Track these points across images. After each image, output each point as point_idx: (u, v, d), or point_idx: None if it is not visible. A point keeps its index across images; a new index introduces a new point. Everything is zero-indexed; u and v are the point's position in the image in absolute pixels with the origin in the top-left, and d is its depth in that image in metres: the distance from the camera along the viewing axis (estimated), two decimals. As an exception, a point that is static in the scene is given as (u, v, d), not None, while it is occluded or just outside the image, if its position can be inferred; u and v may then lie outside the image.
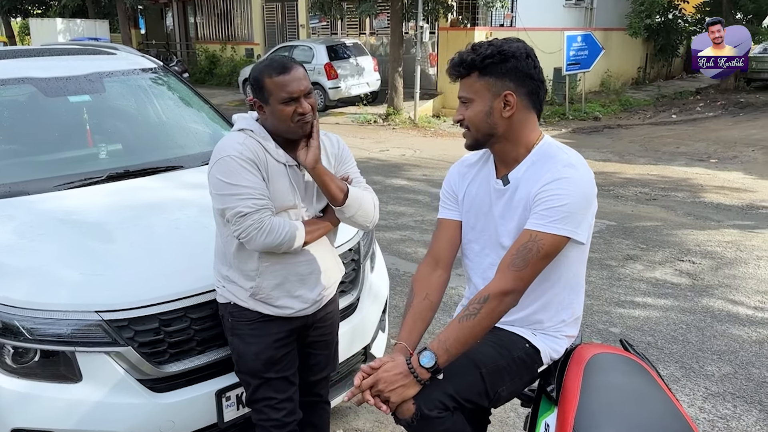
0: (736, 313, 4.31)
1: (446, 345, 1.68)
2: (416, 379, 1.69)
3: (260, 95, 2.09)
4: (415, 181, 8.38)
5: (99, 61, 3.80)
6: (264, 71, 2.08)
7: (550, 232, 1.69)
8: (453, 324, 1.71)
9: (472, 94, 1.78)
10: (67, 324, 2.16)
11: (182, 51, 24.54)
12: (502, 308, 1.69)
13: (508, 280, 1.68)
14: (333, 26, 19.37)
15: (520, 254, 1.69)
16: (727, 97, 16.95)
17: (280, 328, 2.24)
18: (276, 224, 2.05)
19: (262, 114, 2.13)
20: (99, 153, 3.35)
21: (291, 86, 2.04)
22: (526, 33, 15.16)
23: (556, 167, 1.74)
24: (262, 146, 2.11)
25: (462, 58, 1.78)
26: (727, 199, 7.44)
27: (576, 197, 1.70)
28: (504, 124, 1.78)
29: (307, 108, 2.08)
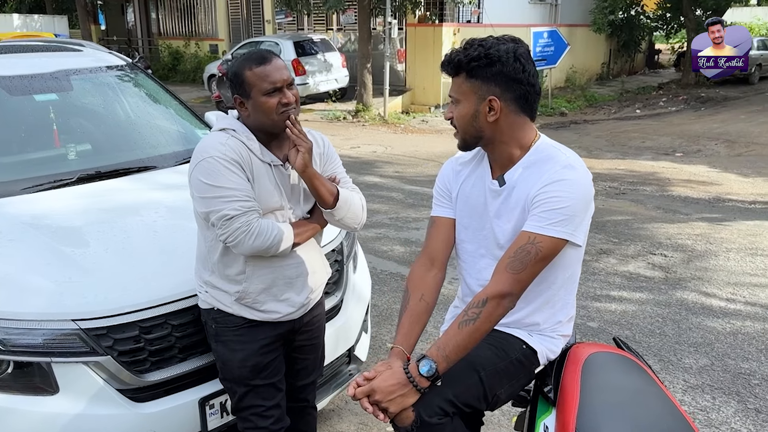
0: (709, 305, 4.38)
1: (445, 352, 1.64)
2: (415, 388, 1.65)
3: (241, 90, 2.02)
4: (388, 178, 8.35)
5: (65, 59, 3.67)
6: (243, 65, 2.02)
7: (549, 235, 1.66)
8: (452, 329, 1.67)
9: (459, 95, 1.76)
10: (42, 334, 2.07)
11: (144, 47, 24.03)
12: (500, 311, 1.66)
13: (506, 283, 1.66)
14: (299, 22, 19.18)
15: (518, 256, 1.67)
16: (688, 92, 17.32)
17: (267, 334, 2.18)
18: (264, 227, 1.99)
19: (243, 111, 2.06)
20: (68, 154, 3.22)
21: (273, 76, 1.99)
22: (493, 29, 15.23)
23: (555, 168, 1.71)
24: (245, 146, 2.04)
25: (451, 57, 1.75)
26: (694, 192, 7.58)
27: (576, 200, 1.68)
28: (490, 128, 1.75)
29: (291, 98, 2.02)
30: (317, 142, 2.24)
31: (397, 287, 4.71)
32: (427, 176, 8.54)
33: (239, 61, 2.05)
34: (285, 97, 2.00)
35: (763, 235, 5.84)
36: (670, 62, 24.07)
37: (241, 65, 2.02)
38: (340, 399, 3.25)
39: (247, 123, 2.08)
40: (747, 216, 6.53)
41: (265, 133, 2.08)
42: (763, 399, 3.24)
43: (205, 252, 2.14)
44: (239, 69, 2.02)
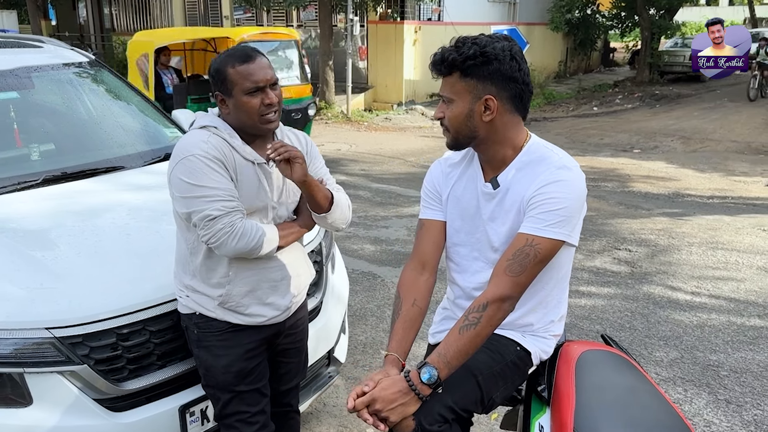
0: (675, 299, 4.48)
1: (447, 358, 1.61)
2: (417, 396, 1.61)
3: (222, 87, 1.96)
4: (354, 176, 8.31)
5: (25, 55, 3.52)
6: (226, 61, 1.94)
7: (547, 237, 1.65)
8: (452, 335, 1.64)
9: (453, 95, 1.72)
10: (13, 343, 1.98)
11: (98, 43, 23.40)
12: (501, 315, 1.64)
13: (506, 287, 1.64)
14: (259, 18, 18.94)
15: (516, 259, 1.65)
16: (643, 90, 17.72)
17: (251, 338, 2.12)
18: (248, 228, 1.93)
19: (224, 108, 1.99)
20: (31, 154, 3.10)
21: (256, 75, 1.92)
22: (454, 27, 15.32)
23: (550, 169, 1.70)
24: (228, 144, 1.97)
25: (444, 56, 1.71)
26: (654, 188, 7.76)
27: (572, 200, 1.68)
28: (485, 128, 1.73)
29: (274, 99, 1.95)
30: (300, 142, 2.20)
31: (369, 286, 4.68)
32: (394, 174, 8.53)
33: (222, 56, 1.98)
34: (268, 97, 1.93)
35: (722, 230, 6.01)
36: (624, 60, 24.60)
37: (223, 61, 1.95)
38: (318, 402, 3.21)
39: (228, 121, 2.02)
40: (706, 210, 6.72)
41: (245, 132, 2.01)
42: (732, 390, 3.33)
43: (187, 255, 2.08)
44: (222, 65, 1.95)
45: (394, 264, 5.13)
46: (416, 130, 12.72)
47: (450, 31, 15.32)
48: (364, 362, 3.62)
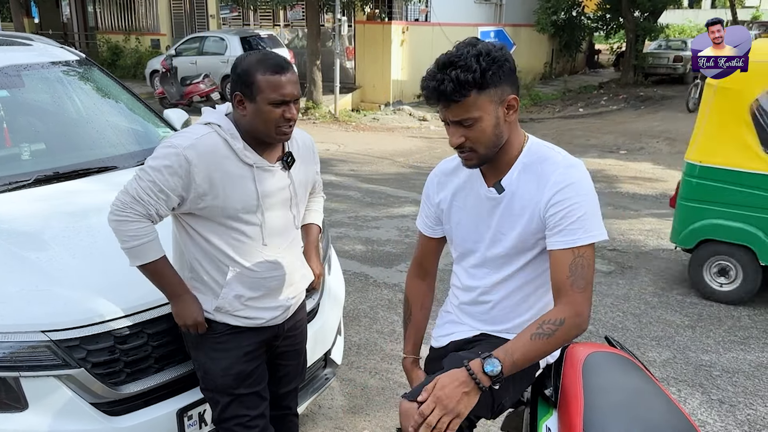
0: (666, 300, 4.51)
1: (513, 357, 1.58)
2: (478, 386, 1.56)
3: (247, 90, 1.90)
4: (344, 177, 8.28)
5: (14, 53, 3.46)
6: (257, 67, 1.88)
7: (588, 243, 1.64)
8: (523, 338, 1.61)
9: (477, 113, 1.62)
10: (9, 346, 1.94)
11: (81, 42, 23.17)
12: (575, 333, 1.62)
13: (581, 304, 1.62)
14: (245, 17, 18.86)
15: (577, 274, 1.63)
16: (628, 91, 17.86)
17: (250, 340, 2.10)
18: (131, 228, 1.90)
19: (241, 110, 1.94)
20: (21, 154, 3.04)
21: (286, 89, 1.89)
22: (441, 28, 15.35)
23: (558, 170, 1.68)
24: (227, 145, 1.94)
25: (459, 81, 1.57)
26: (641, 188, 7.81)
27: (592, 198, 1.67)
28: (508, 130, 1.70)
29: (295, 115, 1.94)
30: (306, 143, 2.22)
31: (361, 287, 4.67)
32: (383, 174, 8.52)
33: (253, 59, 1.91)
34: (290, 111, 1.92)
35: (709, 230, 6.06)
36: (609, 62, 24.78)
37: (255, 66, 1.89)
38: (314, 404, 3.19)
39: (240, 123, 1.97)
40: (693, 211, 6.76)
41: (255, 137, 1.98)
42: (725, 390, 3.35)
43: (182, 256, 2.06)
44: (252, 69, 1.89)
45: (386, 264, 5.11)
46: (404, 131, 12.72)
47: (437, 32, 15.35)
48: (359, 363, 3.60)
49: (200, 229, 1.99)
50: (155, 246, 1.95)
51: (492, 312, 1.84)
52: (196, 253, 2.02)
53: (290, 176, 2.09)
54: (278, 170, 2.04)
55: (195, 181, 1.89)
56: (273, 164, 2.03)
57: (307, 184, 2.23)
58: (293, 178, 2.10)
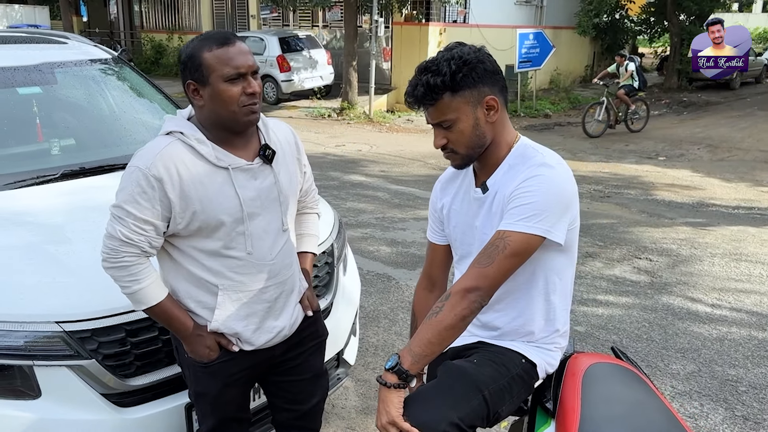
0: (695, 310, 4.40)
1: (410, 345, 1.62)
2: (386, 386, 1.60)
3: (196, 75, 1.72)
4: (374, 177, 8.30)
5: (50, 51, 3.57)
6: (201, 45, 1.72)
7: (518, 230, 1.61)
8: (420, 325, 1.65)
9: (453, 114, 1.66)
10: (24, 336, 2.00)
11: (126, 40, 23.74)
12: (465, 304, 1.59)
13: (470, 277, 1.62)
14: (285, 18, 19.06)
15: (486, 251, 1.63)
16: (671, 96, 17.48)
17: (242, 365, 1.98)
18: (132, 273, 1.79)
19: (198, 100, 1.76)
20: (51, 149, 3.13)
21: (237, 60, 1.71)
22: (479, 30, 15.25)
23: (530, 168, 1.68)
24: (194, 151, 1.77)
25: (429, 85, 1.63)
26: (678, 196, 7.63)
27: (547, 194, 1.63)
28: (491, 130, 1.71)
29: (257, 88, 1.75)
30: (287, 135, 2.04)
31: (383, 288, 4.67)
32: (413, 176, 8.51)
33: (195, 40, 1.76)
34: (250, 86, 1.73)
35: (746, 241, 5.89)
36: (653, 66, 24.28)
37: (198, 45, 1.73)
38: (327, 403, 3.19)
39: (201, 117, 1.81)
40: (731, 221, 6.59)
41: (222, 130, 1.80)
42: (750, 406, 3.25)
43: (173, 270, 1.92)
44: (195, 50, 1.73)
45: (410, 267, 5.11)
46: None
47: (475, 33, 15.25)
48: (375, 364, 3.61)
49: (184, 248, 1.85)
50: (157, 287, 1.84)
51: (482, 318, 1.83)
52: (183, 282, 1.90)
53: (273, 172, 1.90)
54: (258, 168, 1.85)
55: (171, 200, 1.75)
56: (251, 162, 1.84)
57: (294, 182, 2.02)
58: (277, 174, 1.90)
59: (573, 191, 1.70)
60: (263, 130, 1.93)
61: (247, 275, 1.89)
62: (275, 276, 1.95)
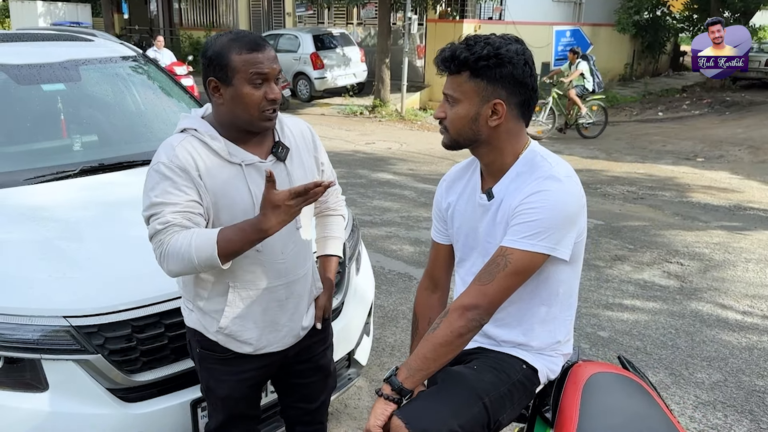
0: (725, 317, 4.26)
1: (409, 360, 1.61)
2: (377, 394, 1.61)
3: (221, 74, 1.73)
4: (402, 176, 8.26)
5: (75, 48, 3.63)
6: (230, 46, 1.73)
7: (521, 248, 1.57)
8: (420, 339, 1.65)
9: (459, 95, 1.63)
10: (32, 330, 2.03)
11: (166, 37, 24.12)
12: (462, 323, 1.57)
13: (470, 294, 1.59)
14: (320, 15, 19.14)
15: (488, 269, 1.60)
16: (713, 96, 16.99)
17: (254, 365, 1.99)
18: (175, 246, 1.68)
19: (217, 97, 1.77)
20: (73, 145, 3.19)
21: (264, 65, 1.73)
22: (515, 27, 15.06)
23: (537, 180, 1.62)
24: (208, 147, 1.78)
25: (455, 53, 1.61)
26: (714, 199, 7.41)
27: (553, 211, 1.58)
28: (488, 132, 1.66)
29: (278, 94, 1.78)
30: (303, 132, 2.03)
31: (404, 288, 4.64)
32: (441, 175, 8.40)
33: (223, 39, 1.76)
34: (272, 91, 1.75)
35: (784, 246, 5.69)
36: (695, 65, 23.68)
37: (227, 46, 1.73)
38: (339, 403, 3.19)
39: (218, 115, 1.82)
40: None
41: (237, 129, 1.81)
42: (776, 419, 3.13)
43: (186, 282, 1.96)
44: (224, 49, 1.73)
45: (433, 266, 5.05)
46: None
47: (511, 31, 15.00)
48: (391, 365, 3.58)
49: None
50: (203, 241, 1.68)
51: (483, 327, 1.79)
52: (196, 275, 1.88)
53: (287, 170, 1.89)
54: (270, 165, 1.85)
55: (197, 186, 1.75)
56: (263, 160, 1.85)
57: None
58: (290, 172, 1.89)
59: (580, 205, 1.65)
60: (278, 127, 1.93)
61: (257, 273, 1.88)
62: (286, 275, 1.94)
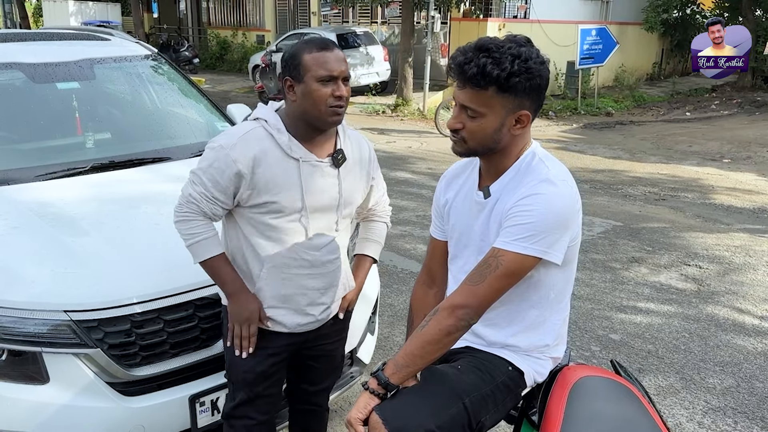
0: (741, 322, 4.17)
1: (396, 356, 1.62)
2: (363, 387, 1.64)
3: (294, 72, 1.91)
4: (420, 175, 8.25)
5: (91, 47, 3.70)
6: (303, 47, 1.92)
7: (512, 250, 1.57)
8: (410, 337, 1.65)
9: (485, 109, 1.59)
10: (34, 323, 2.08)
11: (194, 36, 24.43)
12: (451, 322, 1.57)
13: (460, 294, 1.59)
14: (344, 14, 19.18)
15: (479, 269, 1.59)
16: (743, 96, 16.63)
17: (278, 343, 2.10)
18: (193, 224, 1.98)
19: (291, 95, 1.94)
20: (86, 142, 3.25)
21: (331, 64, 1.88)
22: (540, 25, 14.94)
23: (532, 183, 1.61)
24: (273, 140, 1.94)
25: (484, 71, 1.54)
26: (738, 201, 7.26)
27: (546, 215, 1.56)
28: (508, 139, 1.65)
29: (344, 92, 1.91)
30: (362, 148, 2.17)
31: (416, 287, 4.63)
32: (461, 174, 8.39)
33: (300, 43, 1.95)
34: (339, 89, 1.89)
35: (808, 250, 5.55)
36: (726, 64, 23.21)
37: (300, 47, 1.92)
38: (342, 400, 3.20)
39: (290, 111, 1.98)
40: (793, 229, 6.22)
41: (306, 125, 1.96)
42: (789, 426, 3.06)
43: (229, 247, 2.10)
44: (297, 51, 1.92)
45: (446, 266, 5.04)
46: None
47: (536, 30, 14.94)
48: (397, 364, 3.58)
49: (242, 223, 2.01)
50: (211, 244, 2.00)
51: None
52: (235, 247, 2.06)
53: (339, 175, 2.04)
54: (326, 167, 2.01)
55: (243, 178, 1.92)
56: (321, 159, 2.00)
57: (358, 191, 2.15)
58: (342, 179, 2.05)
59: (574, 210, 1.64)
60: (341, 135, 2.08)
61: (293, 261, 2.03)
62: (318, 267, 2.07)
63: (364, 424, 1.60)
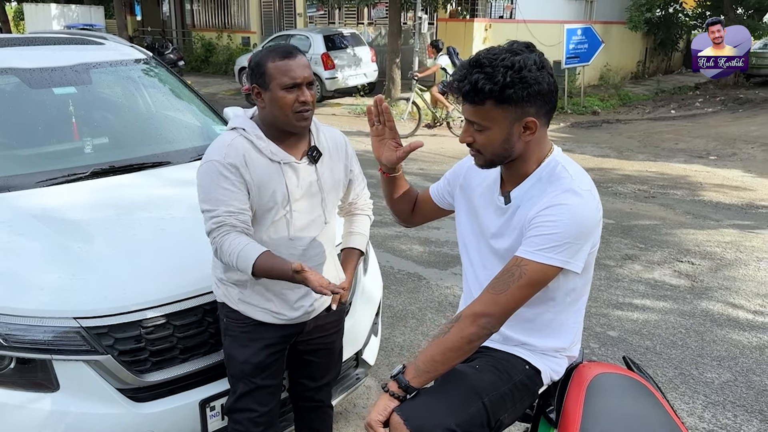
0: (736, 317, 4.23)
1: (416, 359, 1.64)
2: (383, 389, 1.65)
3: (260, 80, 1.99)
4: (411, 176, 8.26)
5: (86, 52, 3.68)
6: (267, 56, 1.99)
7: (536, 260, 1.58)
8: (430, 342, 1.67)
9: (487, 123, 1.61)
10: (43, 331, 2.07)
11: (178, 38, 24.28)
12: (473, 330, 1.58)
13: (482, 302, 1.60)
14: (331, 15, 19.18)
15: (502, 278, 1.61)
16: (726, 93, 16.84)
17: (273, 334, 2.17)
18: (227, 245, 1.94)
19: (260, 102, 2.03)
20: (84, 147, 3.23)
21: (294, 71, 1.96)
22: (526, 25, 15.04)
23: (556, 192, 1.62)
24: (253, 146, 2.02)
25: (477, 86, 1.55)
26: (727, 197, 7.35)
27: (571, 226, 1.58)
28: (522, 146, 1.66)
29: (309, 97, 2.00)
30: (337, 141, 2.25)
31: (413, 288, 4.65)
32: (452, 174, 8.42)
33: (264, 51, 2.02)
34: (303, 94, 1.98)
35: (797, 245, 5.63)
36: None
37: (265, 56, 2.00)
38: (347, 402, 3.21)
39: (262, 116, 2.07)
40: (781, 224, 6.31)
41: (278, 130, 2.05)
42: (787, 419, 3.11)
43: None
44: (262, 59, 1.99)
45: (441, 266, 5.07)
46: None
47: (522, 29, 15.03)
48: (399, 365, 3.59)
49: None
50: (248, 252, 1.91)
51: None
52: None
53: (317, 171, 2.13)
54: (304, 165, 2.10)
55: (246, 181, 2.00)
56: (298, 160, 2.09)
57: (338, 182, 2.24)
58: (320, 174, 2.14)
59: (597, 220, 1.65)
60: (314, 133, 2.16)
61: (282, 255, 2.04)
62: (307, 261, 2.09)
63: (384, 426, 1.61)
